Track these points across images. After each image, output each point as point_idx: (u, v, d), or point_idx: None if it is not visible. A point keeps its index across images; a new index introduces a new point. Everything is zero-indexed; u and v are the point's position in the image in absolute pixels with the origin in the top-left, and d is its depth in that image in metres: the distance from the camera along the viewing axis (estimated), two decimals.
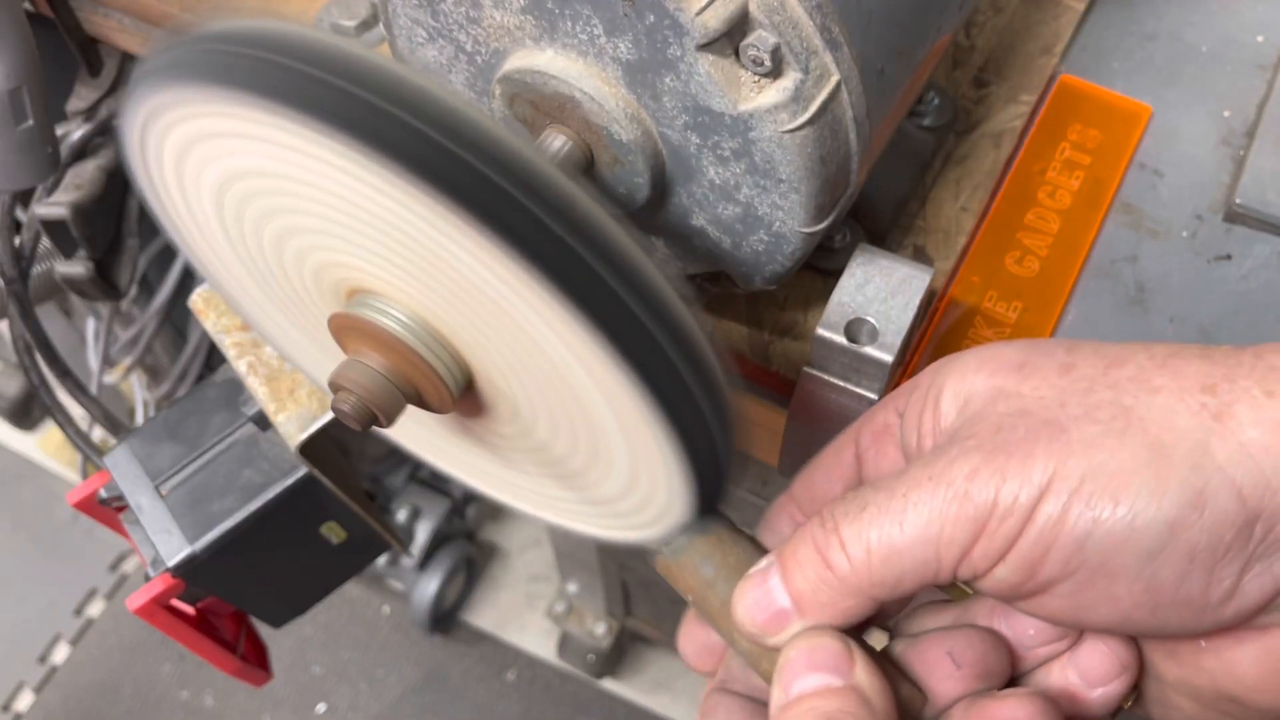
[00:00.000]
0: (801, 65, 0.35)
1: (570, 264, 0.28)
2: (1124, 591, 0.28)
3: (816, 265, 0.47)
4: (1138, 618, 0.28)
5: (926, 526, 0.29)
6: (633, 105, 0.38)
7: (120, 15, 0.62)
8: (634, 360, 0.29)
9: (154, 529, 0.52)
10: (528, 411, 0.35)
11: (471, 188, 0.27)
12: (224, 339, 0.49)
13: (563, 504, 0.40)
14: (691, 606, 0.35)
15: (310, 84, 0.28)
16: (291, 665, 1.53)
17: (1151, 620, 0.29)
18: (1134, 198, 0.52)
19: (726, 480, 0.34)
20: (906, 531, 0.29)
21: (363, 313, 0.33)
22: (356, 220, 0.31)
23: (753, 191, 0.39)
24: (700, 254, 0.43)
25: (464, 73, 0.41)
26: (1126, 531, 0.27)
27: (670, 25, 0.34)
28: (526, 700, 1.51)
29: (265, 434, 0.54)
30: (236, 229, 0.35)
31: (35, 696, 1.52)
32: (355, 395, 0.34)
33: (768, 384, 0.48)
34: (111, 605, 1.59)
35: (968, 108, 0.54)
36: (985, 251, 0.50)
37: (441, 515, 1.43)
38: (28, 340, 0.68)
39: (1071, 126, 0.54)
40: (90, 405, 0.68)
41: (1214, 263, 0.50)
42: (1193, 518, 0.27)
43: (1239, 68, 0.56)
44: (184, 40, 0.30)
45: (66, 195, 0.66)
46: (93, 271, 0.70)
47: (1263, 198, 0.50)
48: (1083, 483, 0.28)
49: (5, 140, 0.57)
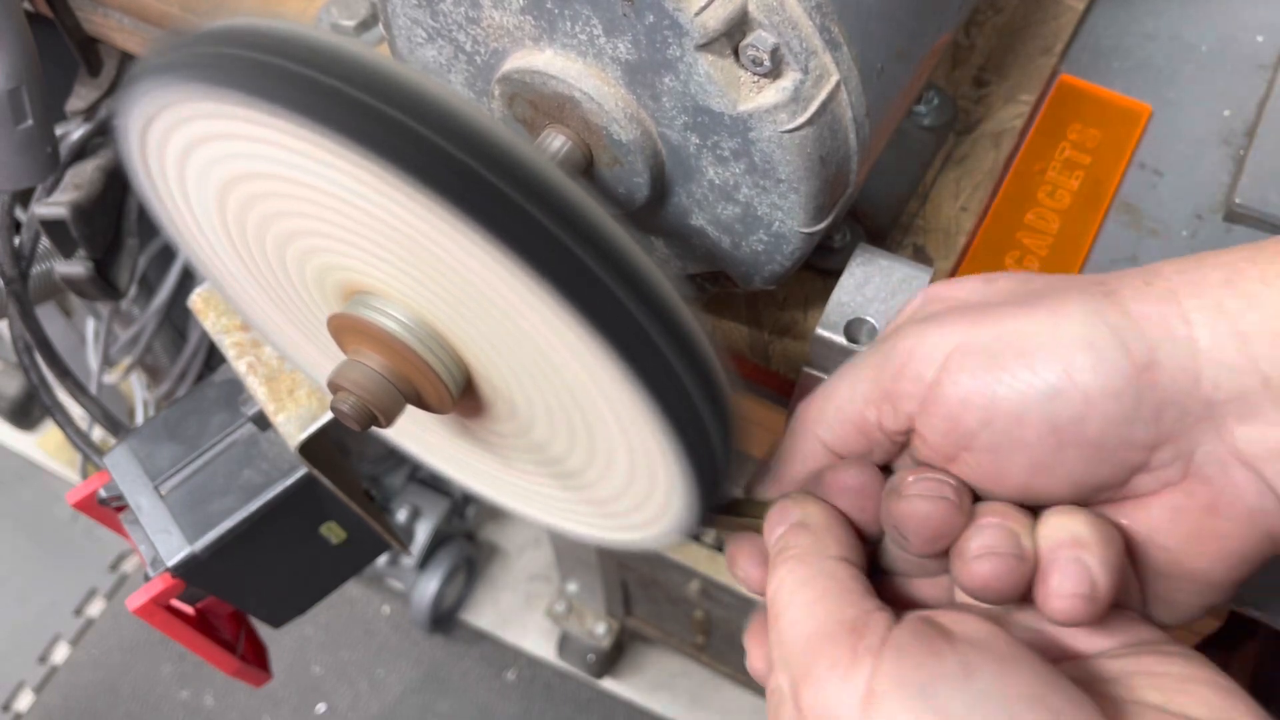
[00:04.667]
0: (801, 65, 0.35)
1: (569, 264, 0.28)
2: (1033, 436, 0.31)
3: (816, 265, 0.47)
4: (1046, 463, 0.31)
5: (857, 370, 0.35)
6: (632, 105, 0.38)
7: (120, 15, 0.62)
8: (632, 360, 0.29)
9: (154, 529, 0.52)
10: (526, 411, 0.35)
11: (471, 189, 0.27)
12: (224, 339, 0.49)
13: (560, 504, 0.40)
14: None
15: (313, 86, 0.27)
16: (291, 665, 1.53)
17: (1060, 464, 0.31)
18: (1134, 197, 0.52)
19: (725, 480, 0.34)
20: (845, 375, 0.35)
21: (362, 313, 0.33)
22: (358, 223, 0.31)
23: (752, 191, 0.39)
24: (700, 254, 0.43)
25: (463, 73, 0.41)
26: (1028, 381, 0.31)
27: (669, 25, 0.34)
28: (526, 700, 1.51)
29: (265, 434, 0.54)
30: (239, 231, 0.35)
31: (35, 696, 1.52)
32: (354, 395, 0.34)
33: (767, 384, 0.48)
34: (111, 605, 1.59)
35: (968, 107, 0.54)
36: (985, 251, 0.50)
37: (441, 515, 1.43)
38: (28, 340, 0.68)
39: (1071, 126, 0.54)
40: (90, 405, 0.68)
41: None
42: (1085, 361, 0.30)
43: (1239, 67, 0.56)
44: (185, 41, 0.30)
45: (66, 195, 0.66)
46: (92, 271, 0.70)
47: (1263, 198, 0.50)
48: (990, 344, 0.32)
49: (5, 140, 0.57)
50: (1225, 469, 0.31)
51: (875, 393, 0.34)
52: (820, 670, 0.29)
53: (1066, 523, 0.32)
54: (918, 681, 0.28)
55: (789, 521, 0.35)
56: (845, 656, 0.29)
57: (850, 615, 0.30)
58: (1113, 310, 0.31)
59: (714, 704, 1.49)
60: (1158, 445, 0.31)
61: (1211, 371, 0.30)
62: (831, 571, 0.32)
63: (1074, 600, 0.31)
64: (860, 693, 0.28)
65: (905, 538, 0.33)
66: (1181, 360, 0.30)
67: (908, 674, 0.28)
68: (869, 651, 0.29)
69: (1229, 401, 0.30)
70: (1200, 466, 0.31)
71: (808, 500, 0.35)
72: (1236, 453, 0.31)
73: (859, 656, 0.29)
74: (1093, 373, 0.30)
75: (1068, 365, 0.30)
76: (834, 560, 0.33)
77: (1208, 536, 0.32)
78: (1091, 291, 0.32)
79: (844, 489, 0.35)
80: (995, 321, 0.32)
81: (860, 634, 0.30)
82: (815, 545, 0.33)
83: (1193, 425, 0.31)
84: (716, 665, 1.34)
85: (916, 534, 0.33)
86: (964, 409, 0.32)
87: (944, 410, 0.32)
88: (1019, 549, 0.31)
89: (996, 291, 0.35)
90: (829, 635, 0.30)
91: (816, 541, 0.34)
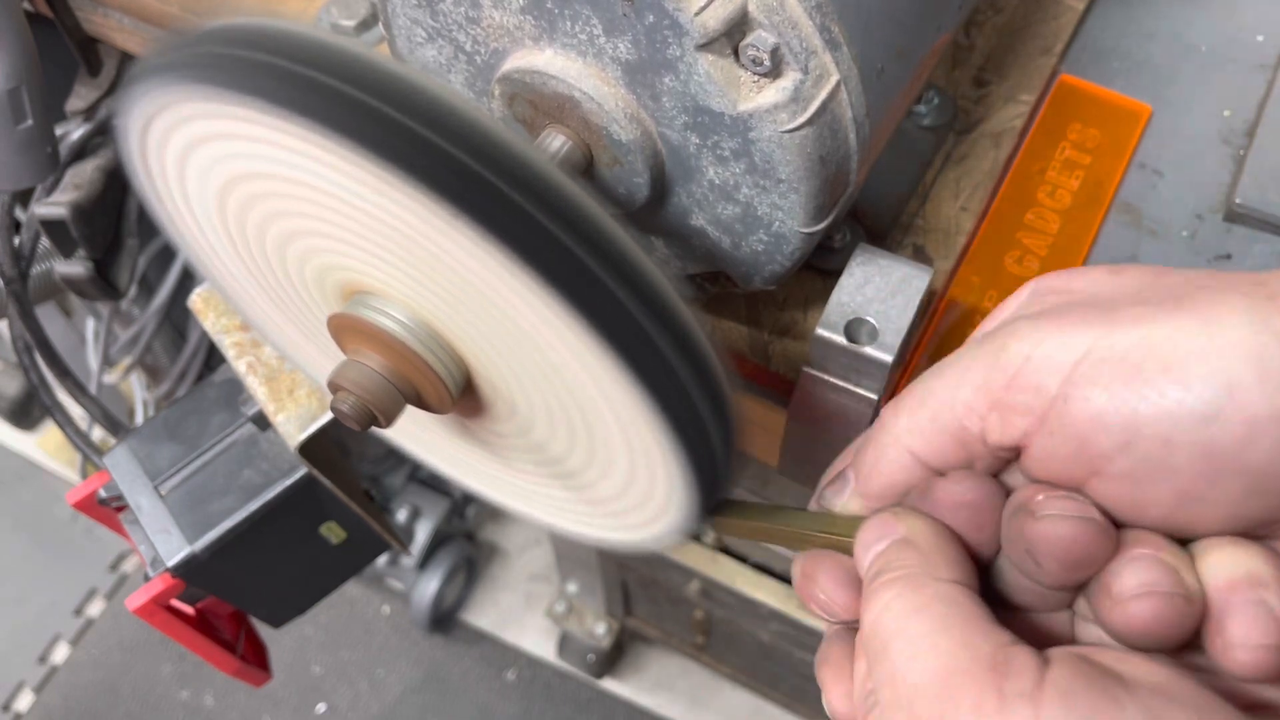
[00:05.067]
0: (801, 65, 0.35)
1: (568, 264, 0.28)
2: (1183, 463, 0.26)
3: (816, 265, 0.47)
4: (1198, 493, 0.27)
5: (959, 371, 0.29)
6: (632, 105, 0.38)
7: (120, 15, 0.62)
8: (632, 360, 0.29)
9: (153, 529, 0.52)
10: (526, 411, 0.35)
11: (471, 189, 0.27)
12: (223, 339, 0.49)
13: (560, 504, 0.40)
14: (767, 539, 0.35)
15: (314, 86, 0.27)
16: (291, 665, 1.53)
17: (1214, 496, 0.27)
18: (1134, 197, 0.52)
19: (725, 480, 0.34)
20: (942, 376, 0.30)
21: (362, 313, 0.33)
22: (358, 223, 0.31)
23: (752, 191, 0.39)
24: (700, 254, 0.43)
25: (463, 72, 0.41)
26: (1178, 399, 0.26)
27: (669, 25, 0.34)
28: (526, 700, 1.51)
29: (265, 434, 0.54)
30: (239, 231, 0.35)
31: (35, 696, 1.52)
32: (354, 395, 0.34)
33: (767, 384, 0.48)
34: (111, 605, 1.59)
35: (967, 107, 0.54)
36: (985, 251, 0.50)
37: (441, 515, 1.43)
38: (27, 340, 0.68)
39: (1071, 126, 0.54)
40: (90, 405, 0.68)
41: (1214, 262, 0.50)
42: (1250, 378, 0.25)
43: (1239, 67, 0.56)
44: (185, 41, 0.30)
45: (66, 195, 0.66)
46: (92, 271, 0.70)
47: (1263, 197, 0.50)
48: (1129, 352, 0.27)
49: (5, 140, 0.57)
50: None
51: (982, 401, 0.29)
52: (960, 718, 0.25)
53: (1240, 558, 0.27)
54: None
55: (891, 537, 0.30)
56: (992, 701, 0.25)
57: (987, 651, 0.26)
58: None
59: (714, 704, 1.49)
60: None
61: None
62: (951, 597, 0.28)
63: (1262, 652, 0.26)
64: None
65: (1038, 564, 0.28)
66: None
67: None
68: (1022, 697, 0.24)
69: None
70: None
71: (911, 515, 0.30)
72: None
73: (1008, 702, 0.25)
74: (1259, 391, 0.25)
75: (1229, 381, 0.26)
76: (950, 584, 0.28)
77: None
78: (1252, 294, 0.27)
79: (959, 504, 0.30)
80: (1134, 324, 0.27)
81: (1004, 673, 0.25)
82: (925, 566, 0.29)
83: None
84: (716, 665, 1.34)
85: (1056, 559, 0.28)
86: (1097, 429, 0.27)
87: (1071, 429, 0.27)
88: (1184, 588, 0.27)
89: (1127, 285, 0.29)
90: (965, 673, 0.26)
91: (926, 562, 0.29)
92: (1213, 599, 0.27)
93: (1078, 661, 0.25)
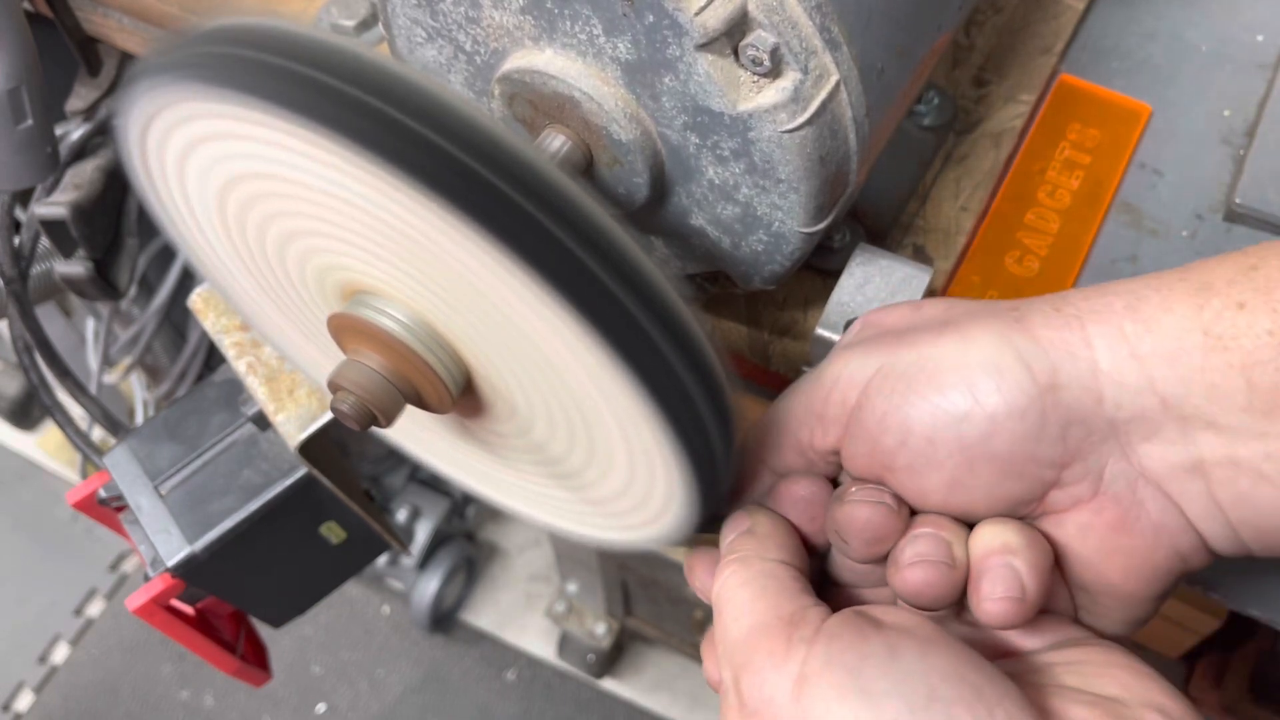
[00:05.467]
0: (800, 65, 0.35)
1: (568, 265, 0.28)
2: (944, 455, 0.33)
3: (816, 265, 0.47)
4: (961, 479, 0.33)
5: (795, 393, 0.37)
6: (632, 105, 0.38)
7: (120, 15, 0.62)
8: (632, 360, 0.29)
9: (153, 529, 0.52)
10: (526, 410, 0.35)
11: (471, 189, 0.27)
12: (223, 339, 0.49)
13: (560, 504, 0.40)
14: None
15: (313, 86, 0.27)
16: (291, 665, 1.53)
17: (975, 481, 0.33)
18: (1134, 197, 0.52)
19: (725, 480, 0.34)
20: (785, 398, 0.37)
21: (362, 313, 0.33)
22: (358, 223, 0.31)
23: (752, 191, 0.39)
24: (699, 254, 0.43)
25: (463, 72, 0.41)
26: (936, 403, 0.33)
27: (669, 25, 0.34)
28: (526, 700, 1.51)
29: (265, 434, 0.54)
30: (239, 231, 0.35)
31: (35, 696, 1.52)
32: (354, 395, 0.34)
33: (767, 384, 0.48)
34: (111, 605, 1.59)
35: (968, 107, 0.54)
36: (985, 251, 0.50)
37: (441, 515, 1.43)
38: (27, 340, 0.68)
39: (1071, 126, 0.54)
40: (90, 405, 0.68)
41: None
42: (990, 384, 0.32)
43: (1239, 67, 0.56)
44: (185, 41, 0.30)
45: (66, 195, 0.66)
46: (92, 271, 0.70)
47: (1263, 197, 0.50)
48: (908, 369, 0.33)
49: (4, 140, 0.57)
50: (1131, 487, 0.32)
51: (808, 415, 0.36)
52: (758, 660, 0.31)
53: (997, 531, 0.33)
54: (846, 663, 0.29)
55: (740, 529, 0.36)
56: (781, 647, 0.31)
57: (788, 610, 0.32)
58: (1020, 335, 0.32)
59: (714, 704, 1.48)
60: (1067, 463, 0.32)
61: (1113, 392, 0.31)
62: (771, 572, 0.34)
63: (1004, 603, 0.32)
64: (793, 677, 0.30)
65: (846, 542, 0.35)
66: (1084, 381, 0.32)
67: (836, 656, 0.29)
68: (803, 640, 0.31)
69: (1131, 421, 0.32)
70: (1109, 484, 0.33)
71: (758, 510, 0.37)
72: (1142, 470, 0.32)
73: (793, 645, 0.31)
74: (997, 394, 0.32)
75: (973, 388, 0.32)
76: (774, 562, 0.35)
77: (1117, 552, 0.33)
78: (1003, 317, 0.33)
79: (794, 500, 0.37)
80: (912, 347, 0.34)
81: (796, 626, 0.31)
82: (758, 548, 0.35)
83: (1099, 444, 0.32)
84: None
85: (856, 537, 0.34)
86: (882, 431, 0.34)
87: (865, 433, 0.34)
88: (950, 557, 0.33)
89: (922, 318, 0.36)
90: (766, 628, 0.32)
91: (759, 545, 0.35)
92: (974, 565, 0.33)
93: (850, 614, 0.31)
